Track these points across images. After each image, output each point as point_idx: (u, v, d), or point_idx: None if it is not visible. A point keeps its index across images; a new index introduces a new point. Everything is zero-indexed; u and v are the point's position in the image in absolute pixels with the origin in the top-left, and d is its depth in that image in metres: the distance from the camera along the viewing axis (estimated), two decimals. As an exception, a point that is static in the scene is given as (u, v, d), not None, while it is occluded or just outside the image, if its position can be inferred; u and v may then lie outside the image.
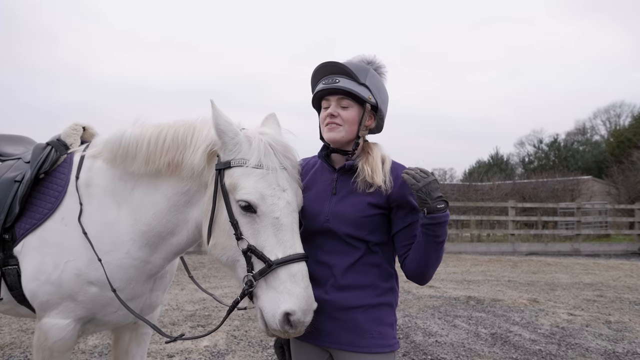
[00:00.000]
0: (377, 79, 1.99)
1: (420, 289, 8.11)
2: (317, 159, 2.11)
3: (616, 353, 4.91)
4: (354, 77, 1.91)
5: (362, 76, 1.92)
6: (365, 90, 1.92)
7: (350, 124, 1.93)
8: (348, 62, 1.98)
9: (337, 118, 1.93)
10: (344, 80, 1.91)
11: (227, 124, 1.86)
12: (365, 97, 1.91)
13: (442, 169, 31.61)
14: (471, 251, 15.22)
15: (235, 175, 1.83)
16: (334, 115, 1.93)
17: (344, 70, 1.91)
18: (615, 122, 38.92)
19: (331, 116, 1.93)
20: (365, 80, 1.92)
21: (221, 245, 1.86)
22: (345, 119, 1.93)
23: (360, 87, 1.91)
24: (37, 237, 2.14)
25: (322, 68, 1.97)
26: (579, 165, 32.50)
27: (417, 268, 1.86)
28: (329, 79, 1.94)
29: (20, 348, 4.70)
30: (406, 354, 4.75)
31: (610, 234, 19.29)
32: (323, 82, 1.95)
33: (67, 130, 2.42)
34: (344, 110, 1.93)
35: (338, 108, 1.93)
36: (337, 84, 1.90)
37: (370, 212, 1.89)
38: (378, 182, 1.87)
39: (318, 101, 2.03)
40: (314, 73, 2.01)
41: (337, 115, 1.93)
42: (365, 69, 1.96)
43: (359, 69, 1.94)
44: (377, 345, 1.87)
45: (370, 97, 1.93)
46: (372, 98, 1.93)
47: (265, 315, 1.73)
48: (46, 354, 2.14)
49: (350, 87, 1.89)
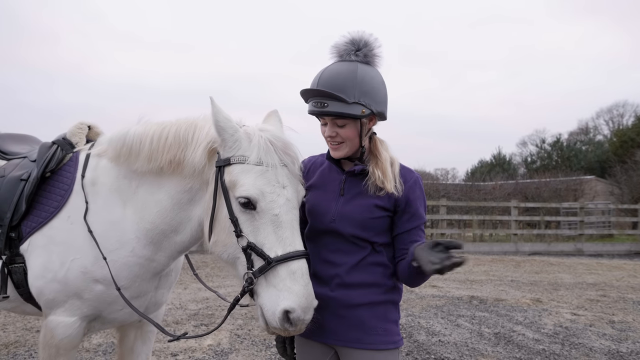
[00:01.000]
0: (366, 82, 1.86)
1: (423, 289, 8.10)
2: (324, 158, 2.09)
3: (620, 353, 4.90)
4: (341, 99, 1.82)
5: (349, 93, 1.81)
6: (357, 107, 1.83)
7: (350, 140, 1.91)
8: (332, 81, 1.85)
9: (337, 137, 1.90)
10: (332, 103, 1.83)
11: (227, 120, 1.85)
12: (357, 114, 1.84)
13: (445, 168, 31.53)
14: (474, 251, 15.20)
15: (234, 172, 1.83)
16: (332, 136, 1.91)
17: (329, 95, 1.83)
18: (618, 122, 38.84)
19: (331, 137, 1.91)
20: (354, 97, 1.83)
21: (222, 243, 1.86)
22: (344, 136, 1.90)
23: (351, 107, 1.83)
24: (44, 236, 2.15)
25: (305, 92, 1.90)
26: (582, 165, 32.43)
27: (406, 279, 1.94)
28: (317, 101, 1.86)
29: (25, 346, 4.72)
30: (409, 353, 4.75)
31: (613, 234, 19.23)
32: (312, 103, 1.88)
33: (73, 129, 2.43)
34: (341, 129, 1.89)
35: (335, 127, 1.89)
36: (326, 109, 1.84)
37: (377, 214, 1.90)
38: (389, 188, 1.87)
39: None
40: (302, 92, 1.93)
41: (336, 135, 1.90)
42: (351, 78, 1.83)
43: (345, 85, 1.82)
44: (383, 342, 1.88)
45: (363, 110, 1.85)
46: (365, 111, 1.85)
47: (265, 313, 1.73)
48: (52, 351, 2.15)
49: (339, 110, 1.82)
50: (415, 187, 1.93)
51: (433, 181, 23.12)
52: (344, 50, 1.92)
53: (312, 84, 1.90)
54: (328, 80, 1.86)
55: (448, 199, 18.07)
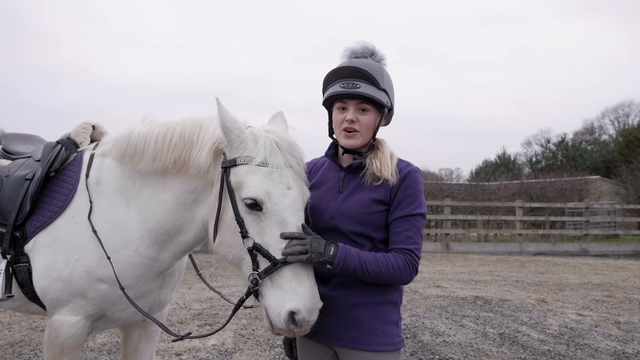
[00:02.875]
0: (390, 78, 1.95)
1: (428, 289, 8.09)
2: (325, 158, 2.10)
3: (626, 354, 4.87)
4: (374, 82, 1.86)
5: (380, 80, 1.88)
6: (384, 95, 1.89)
7: (368, 129, 1.92)
8: (366, 64, 1.90)
9: (356, 124, 1.90)
10: (365, 85, 1.85)
11: (233, 121, 1.85)
12: (384, 102, 1.88)
13: (449, 168, 31.52)
14: (478, 251, 15.16)
15: (240, 173, 1.83)
16: (353, 120, 1.89)
17: (365, 75, 1.86)
18: (623, 122, 38.68)
19: (351, 122, 1.90)
20: (383, 84, 1.88)
21: (227, 244, 1.86)
22: (364, 124, 1.90)
23: (380, 93, 1.87)
24: (48, 235, 2.16)
25: (341, 70, 1.90)
26: (587, 165, 32.27)
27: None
28: (348, 82, 1.87)
29: (30, 346, 4.74)
30: (414, 353, 4.74)
31: (619, 234, 19.15)
32: (341, 84, 1.88)
33: (77, 129, 2.44)
34: (362, 115, 1.89)
35: (357, 113, 1.89)
36: (358, 90, 1.84)
37: (374, 209, 1.89)
38: (386, 176, 1.86)
39: (332, 101, 1.97)
40: (331, 73, 1.93)
41: (357, 121, 1.89)
42: (381, 70, 1.91)
43: (377, 72, 1.88)
44: (381, 344, 1.86)
45: (388, 101, 1.90)
46: (389, 102, 1.91)
47: (271, 314, 1.72)
48: (57, 350, 2.15)
49: (371, 93, 1.85)
50: (408, 178, 1.90)
51: (437, 181, 23.06)
52: (361, 52, 1.98)
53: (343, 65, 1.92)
54: (361, 64, 1.89)
55: (452, 199, 18.02)
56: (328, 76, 1.94)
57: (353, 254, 1.76)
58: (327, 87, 1.96)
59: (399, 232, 1.86)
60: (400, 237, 1.85)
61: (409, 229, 1.86)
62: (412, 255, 1.83)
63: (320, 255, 1.72)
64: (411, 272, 1.83)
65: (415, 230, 1.86)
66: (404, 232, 1.85)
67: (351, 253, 1.76)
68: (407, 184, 1.89)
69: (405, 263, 1.81)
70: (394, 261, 1.80)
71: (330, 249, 1.74)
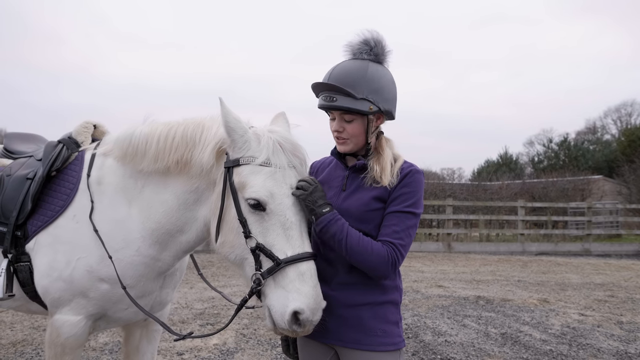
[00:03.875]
0: (375, 80, 1.89)
1: (429, 289, 8.08)
2: (332, 157, 2.11)
3: (628, 354, 4.86)
4: (350, 94, 1.85)
5: (358, 89, 1.85)
6: (365, 103, 1.86)
7: (356, 136, 1.93)
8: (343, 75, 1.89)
9: (344, 132, 1.92)
10: (341, 98, 1.86)
11: (236, 121, 1.86)
12: (365, 110, 1.87)
13: (451, 168, 31.42)
14: (480, 251, 15.13)
15: (244, 173, 1.83)
16: (339, 131, 1.93)
17: (339, 89, 1.86)
18: (626, 121, 38.56)
19: (337, 132, 1.94)
20: (362, 93, 1.86)
21: (229, 244, 1.86)
22: (350, 132, 1.92)
23: (359, 102, 1.86)
24: (49, 234, 2.16)
25: (318, 86, 1.94)
26: (590, 164, 32.21)
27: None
28: (327, 95, 1.89)
29: (32, 345, 4.74)
30: (415, 353, 4.74)
31: (621, 234, 19.08)
32: (322, 97, 1.92)
33: (78, 128, 2.44)
34: (348, 124, 1.91)
35: (342, 122, 1.92)
36: (335, 103, 1.87)
37: (374, 206, 1.89)
38: (384, 182, 1.87)
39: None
40: (313, 87, 1.97)
41: (343, 130, 1.92)
42: (361, 77, 1.87)
43: (355, 81, 1.86)
44: (382, 344, 1.86)
45: (371, 107, 1.87)
46: (373, 107, 1.88)
47: (274, 314, 1.72)
48: (58, 350, 2.15)
49: (347, 105, 1.85)
50: (408, 176, 1.90)
51: (439, 181, 23.03)
52: (357, 49, 1.95)
53: (323, 79, 1.94)
54: (339, 76, 1.90)
55: (454, 198, 17.99)
56: (312, 88, 1.98)
57: (339, 224, 1.79)
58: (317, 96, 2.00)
59: (387, 225, 1.86)
60: (387, 230, 1.85)
61: (397, 224, 1.85)
62: (395, 250, 1.81)
63: (314, 204, 1.79)
64: (388, 266, 1.80)
65: (403, 227, 1.85)
66: (392, 227, 1.85)
67: (338, 222, 1.80)
68: (406, 182, 1.89)
69: (386, 254, 1.80)
70: (376, 248, 1.80)
71: (325, 207, 1.80)
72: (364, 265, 1.81)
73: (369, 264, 1.80)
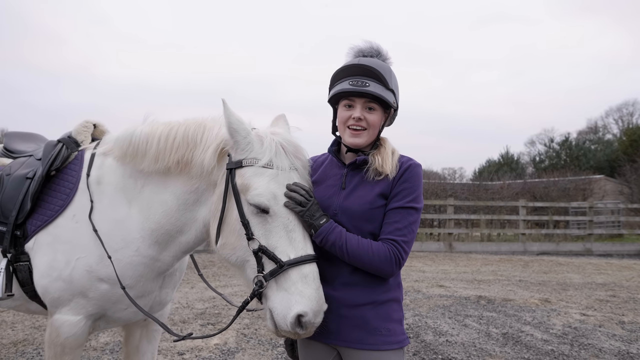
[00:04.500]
0: (396, 79, 1.96)
1: (431, 289, 8.07)
2: (327, 155, 2.10)
3: (630, 354, 4.84)
4: (383, 82, 1.86)
5: (389, 80, 1.89)
6: (392, 95, 1.90)
7: (374, 127, 1.92)
8: (375, 63, 1.90)
9: (363, 121, 1.90)
10: (374, 84, 1.86)
11: (240, 123, 1.85)
12: (391, 102, 1.89)
13: (452, 168, 31.48)
14: (481, 251, 15.11)
15: (246, 175, 1.82)
16: (360, 118, 1.89)
17: (375, 74, 1.86)
18: (628, 121, 38.52)
19: (358, 120, 1.90)
20: (392, 84, 1.89)
21: (231, 245, 1.85)
22: (371, 122, 1.90)
23: (388, 93, 1.88)
24: (49, 234, 2.15)
25: (351, 68, 1.90)
26: (591, 164, 32.17)
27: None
28: (358, 80, 1.87)
29: (33, 345, 4.74)
30: (417, 353, 4.73)
31: (623, 234, 19.04)
32: (350, 82, 1.88)
33: (78, 128, 2.43)
34: (369, 114, 1.90)
35: (364, 111, 1.89)
36: (367, 89, 1.84)
37: (378, 203, 1.88)
38: (387, 170, 1.87)
39: (338, 99, 1.97)
40: (340, 70, 1.93)
41: (364, 119, 1.90)
42: (389, 70, 1.92)
43: (386, 72, 1.89)
44: (386, 343, 1.85)
45: (394, 102, 1.91)
46: (395, 102, 1.92)
47: (276, 316, 1.72)
48: (58, 350, 2.15)
49: (380, 92, 1.85)
50: (408, 171, 1.91)
51: (440, 180, 23.01)
52: (368, 52, 1.98)
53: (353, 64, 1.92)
54: (371, 63, 1.90)
55: (455, 198, 17.97)
56: (337, 73, 1.94)
57: (337, 231, 1.80)
58: (335, 84, 1.96)
59: (389, 222, 1.86)
60: (389, 227, 1.84)
61: (399, 221, 1.84)
62: (397, 247, 1.81)
63: (312, 217, 1.79)
64: (393, 264, 1.80)
65: (406, 223, 1.85)
66: (394, 224, 1.84)
67: (336, 230, 1.80)
68: (407, 177, 1.89)
69: (389, 253, 1.80)
70: (376, 248, 1.80)
71: (322, 218, 1.80)
72: (368, 267, 1.82)
73: (373, 264, 1.80)
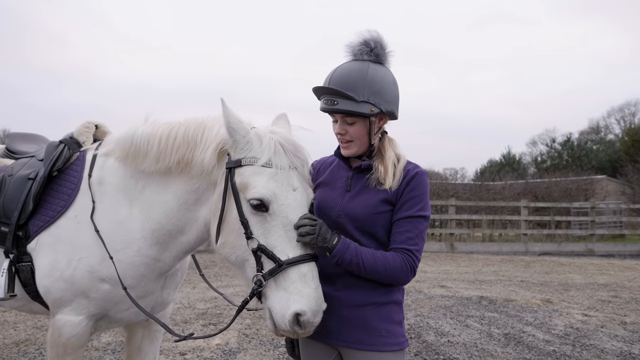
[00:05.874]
0: (376, 81, 1.88)
1: (432, 289, 8.06)
2: (334, 157, 2.10)
3: (632, 354, 4.84)
4: (350, 97, 1.84)
5: (359, 92, 1.84)
6: (366, 105, 1.85)
7: (359, 138, 1.92)
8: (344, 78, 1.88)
9: (346, 135, 1.92)
10: (342, 101, 1.85)
11: (238, 122, 1.85)
12: (366, 113, 1.85)
13: (454, 168, 31.44)
14: (483, 251, 15.09)
15: (246, 174, 1.82)
16: (341, 133, 1.93)
17: (339, 93, 1.85)
18: (629, 121, 38.41)
19: (340, 134, 1.93)
20: (363, 95, 1.85)
21: (230, 244, 1.85)
22: (353, 135, 1.91)
23: (360, 105, 1.85)
24: (51, 235, 2.16)
25: (318, 90, 1.93)
26: (593, 164, 32.09)
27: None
28: (328, 99, 1.89)
29: (35, 345, 4.75)
30: (418, 353, 4.72)
31: (625, 234, 18.99)
32: (323, 101, 1.91)
33: (80, 128, 2.44)
34: (350, 127, 1.91)
35: (345, 125, 1.91)
36: (336, 107, 1.86)
37: (381, 209, 1.88)
38: (387, 184, 1.87)
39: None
40: (313, 91, 1.97)
41: (346, 132, 1.92)
42: (362, 78, 1.86)
43: (355, 84, 1.85)
44: (387, 344, 1.86)
45: (372, 109, 1.87)
46: (374, 109, 1.87)
47: (275, 315, 1.72)
48: (60, 350, 2.15)
49: (348, 108, 1.85)
50: (415, 179, 1.90)
51: (442, 181, 23.01)
52: (358, 50, 1.94)
53: (324, 82, 1.93)
54: (339, 79, 1.89)
55: (457, 198, 17.96)
56: (314, 92, 1.98)
57: (352, 248, 1.80)
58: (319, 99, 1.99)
59: (400, 232, 1.86)
60: (401, 237, 1.85)
61: (410, 230, 1.86)
62: (411, 256, 1.83)
63: (325, 240, 1.76)
64: (408, 273, 1.83)
65: (417, 232, 1.86)
66: (406, 233, 1.85)
67: (350, 247, 1.79)
68: (413, 185, 1.89)
69: (403, 263, 1.81)
70: (391, 260, 1.81)
71: (334, 239, 1.78)
72: (384, 279, 1.84)
73: (389, 276, 1.82)
